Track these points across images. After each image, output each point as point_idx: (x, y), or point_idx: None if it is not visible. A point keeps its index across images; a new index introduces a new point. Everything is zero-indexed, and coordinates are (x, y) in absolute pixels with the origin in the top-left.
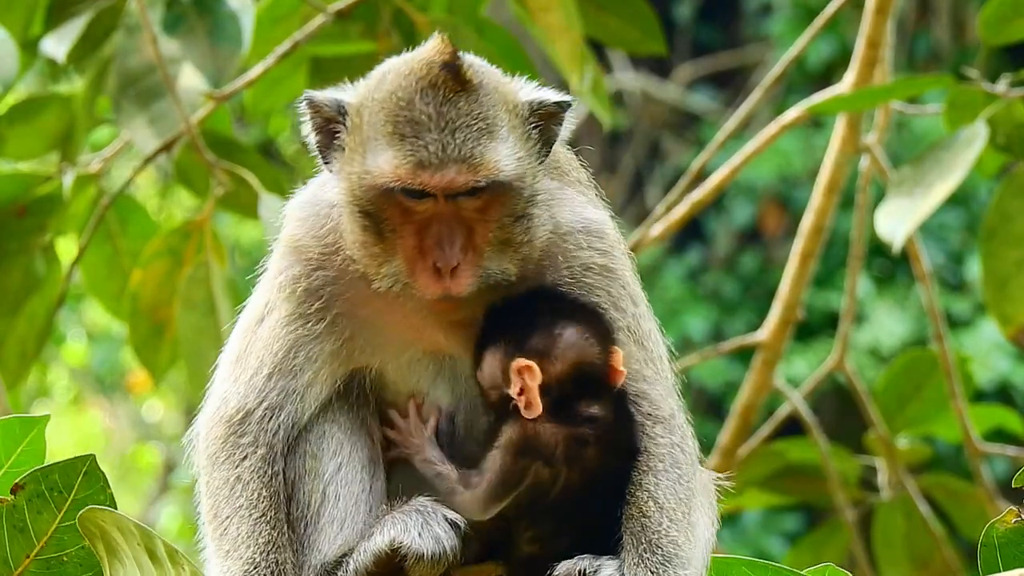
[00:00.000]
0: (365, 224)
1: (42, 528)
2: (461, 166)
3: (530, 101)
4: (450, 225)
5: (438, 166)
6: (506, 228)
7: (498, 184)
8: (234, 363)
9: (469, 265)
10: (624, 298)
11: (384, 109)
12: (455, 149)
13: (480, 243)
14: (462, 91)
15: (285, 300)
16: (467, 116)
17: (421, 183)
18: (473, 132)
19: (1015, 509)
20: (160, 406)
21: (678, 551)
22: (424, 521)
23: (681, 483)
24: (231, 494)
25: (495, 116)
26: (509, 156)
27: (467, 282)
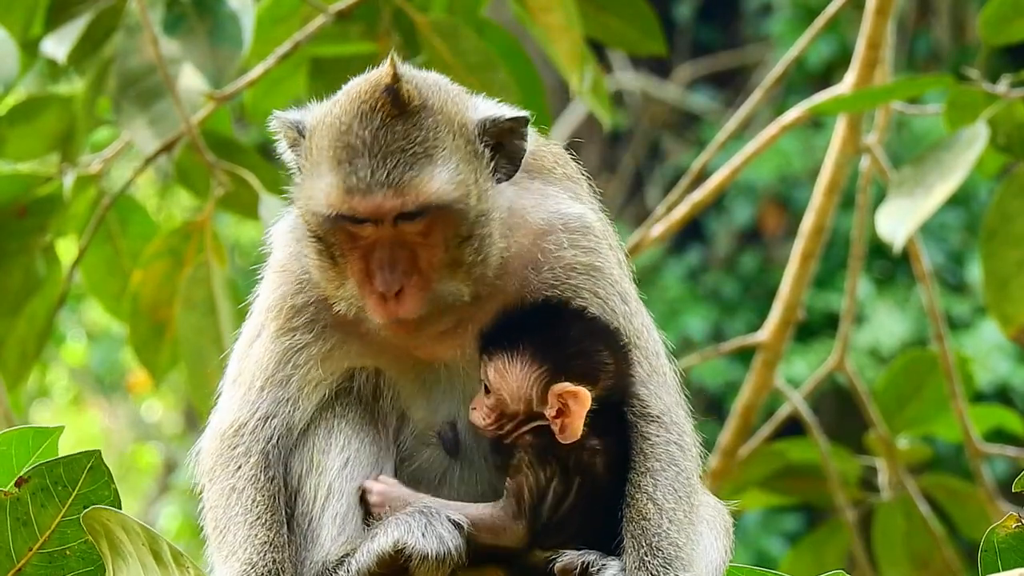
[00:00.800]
0: (319, 248)
1: (45, 522)
2: (388, 191)
3: (482, 120)
4: (392, 250)
5: (365, 191)
6: (453, 250)
7: (435, 208)
8: (231, 385)
9: (414, 289)
10: (613, 297)
11: (328, 133)
12: (383, 174)
13: (425, 267)
14: (400, 115)
15: (273, 319)
16: (403, 140)
17: (350, 209)
18: (407, 156)
19: (1015, 514)
20: (159, 406)
21: (679, 552)
22: (427, 522)
23: (679, 480)
24: (227, 503)
25: (434, 139)
26: (447, 180)
27: (414, 306)
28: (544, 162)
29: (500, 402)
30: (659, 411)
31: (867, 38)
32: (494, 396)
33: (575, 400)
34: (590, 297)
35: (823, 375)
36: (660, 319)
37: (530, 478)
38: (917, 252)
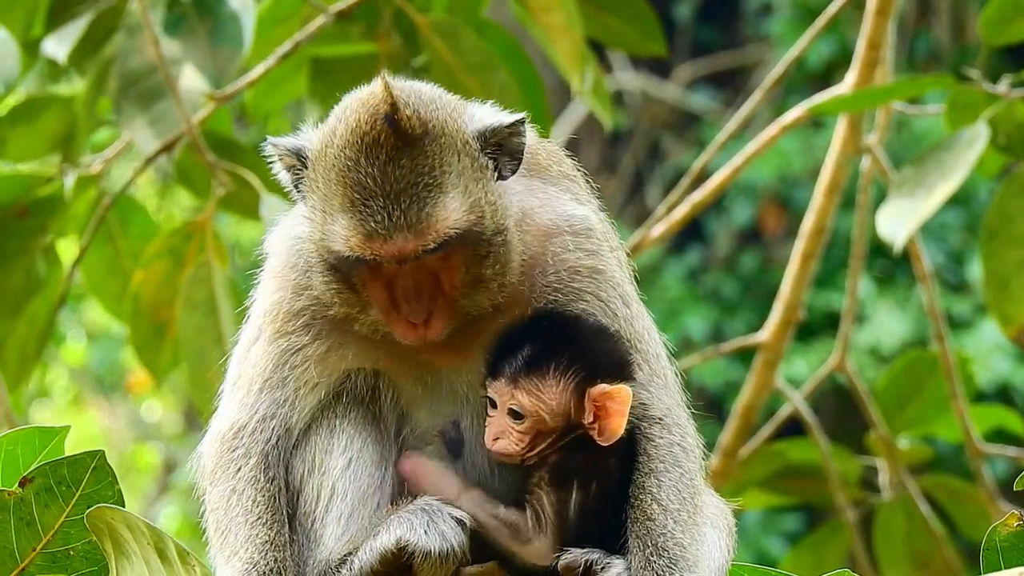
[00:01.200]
0: (336, 278)
1: (49, 522)
2: (408, 234)
3: (481, 131)
4: (415, 280)
5: (385, 236)
6: (473, 269)
7: (454, 238)
8: (230, 388)
9: (441, 312)
10: (615, 300)
11: (335, 168)
12: (400, 216)
13: (449, 290)
14: (404, 146)
15: (270, 323)
16: (411, 174)
17: (372, 253)
18: (419, 191)
19: (1017, 513)
20: (159, 406)
21: (684, 553)
22: (430, 519)
23: (683, 482)
24: (228, 505)
25: (441, 165)
26: (460, 207)
27: (442, 327)
28: (539, 159)
29: (536, 423)
30: (661, 413)
31: (867, 38)
32: (529, 420)
33: (614, 400)
34: (592, 300)
35: (824, 375)
36: (660, 319)
37: (551, 495)
38: (917, 252)
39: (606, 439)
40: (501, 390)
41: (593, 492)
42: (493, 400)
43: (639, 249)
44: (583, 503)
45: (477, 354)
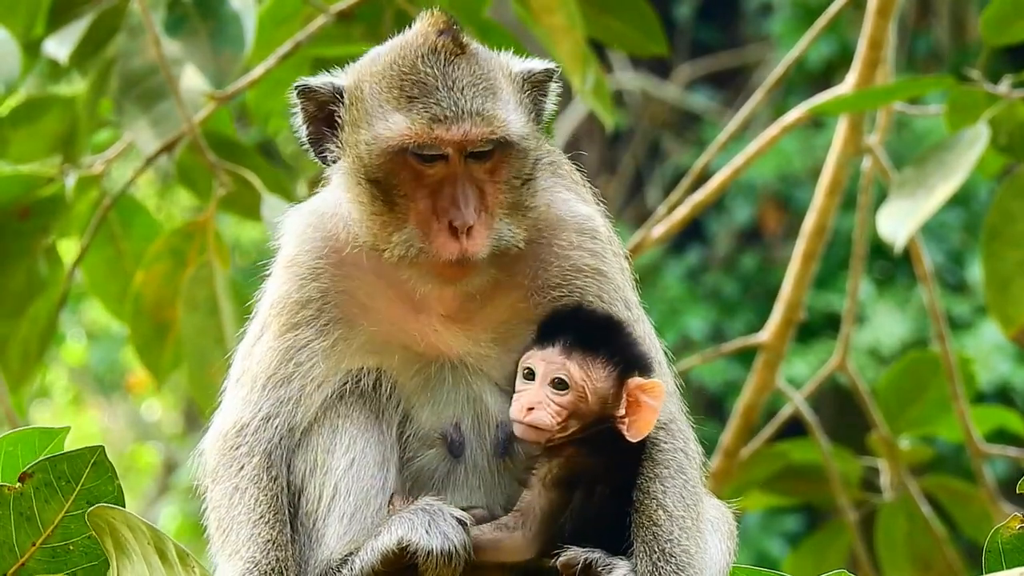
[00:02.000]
0: (374, 193)
1: (49, 517)
2: (476, 119)
3: (522, 70)
4: (463, 186)
5: (453, 119)
6: (515, 191)
7: (508, 143)
8: (234, 385)
9: (483, 226)
10: (617, 302)
11: (386, 78)
12: (467, 103)
13: (492, 205)
14: (462, 54)
15: (276, 316)
16: (471, 76)
17: (436, 138)
18: (480, 91)
19: (1019, 515)
20: (159, 406)
21: (690, 560)
22: (431, 519)
23: (687, 488)
24: (230, 503)
25: (496, 79)
26: (515, 116)
27: (482, 242)
28: (562, 165)
29: (578, 399)
30: (666, 418)
31: (868, 38)
32: (572, 393)
33: (649, 393)
34: (595, 301)
35: (825, 375)
36: (660, 319)
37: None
38: (918, 252)
39: (634, 435)
40: (551, 358)
41: (596, 495)
42: (531, 370)
43: (639, 249)
44: (583, 505)
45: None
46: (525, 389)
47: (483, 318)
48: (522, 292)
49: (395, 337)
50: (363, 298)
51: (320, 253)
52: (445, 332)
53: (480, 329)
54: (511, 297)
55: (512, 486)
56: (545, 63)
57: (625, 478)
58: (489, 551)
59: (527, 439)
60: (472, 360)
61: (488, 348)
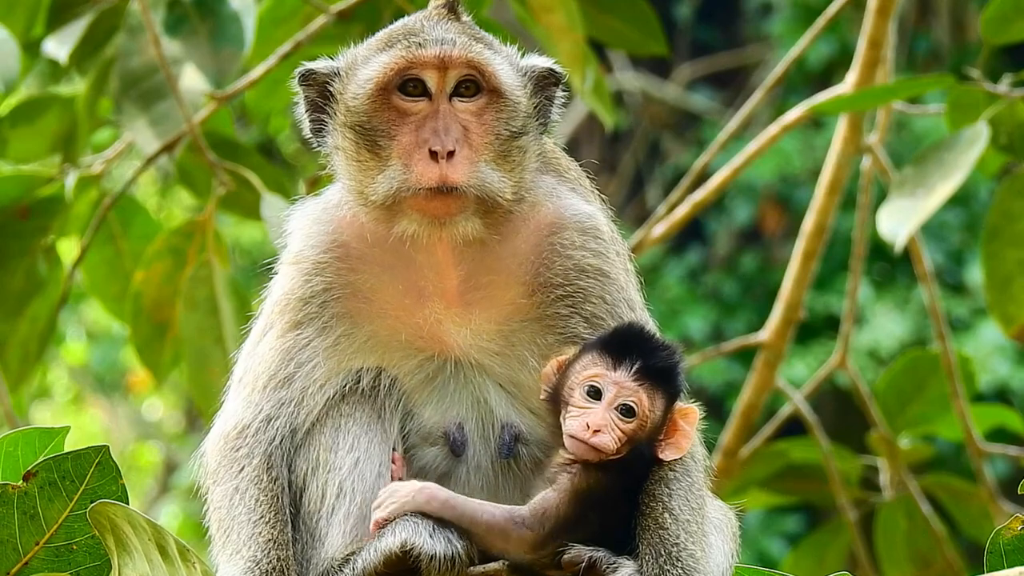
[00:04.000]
0: (359, 142)
1: (52, 516)
2: (456, 45)
3: (527, 64)
4: (446, 119)
5: (432, 43)
6: (503, 141)
7: (496, 88)
8: (237, 384)
9: (466, 158)
10: (620, 303)
11: (377, 39)
12: (452, 37)
13: (478, 143)
14: (458, 21)
15: (279, 315)
16: (461, 29)
17: (414, 59)
18: (468, 36)
19: (1021, 516)
20: (160, 405)
21: (696, 564)
22: (435, 523)
23: (693, 491)
24: (231, 504)
25: (491, 41)
26: (508, 68)
27: (464, 171)
28: (561, 163)
29: (640, 427)
30: None
31: (868, 38)
32: (637, 421)
33: (687, 419)
34: (599, 303)
35: (825, 375)
36: (660, 319)
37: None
38: (918, 252)
39: (668, 456)
40: (624, 383)
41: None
42: (598, 389)
43: (639, 249)
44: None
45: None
46: (590, 409)
47: (485, 310)
48: (523, 288)
49: (398, 332)
50: (367, 292)
51: (324, 248)
52: (448, 323)
53: (483, 322)
54: (512, 291)
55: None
56: (551, 62)
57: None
58: (495, 537)
59: (582, 457)
60: (475, 358)
61: (491, 345)
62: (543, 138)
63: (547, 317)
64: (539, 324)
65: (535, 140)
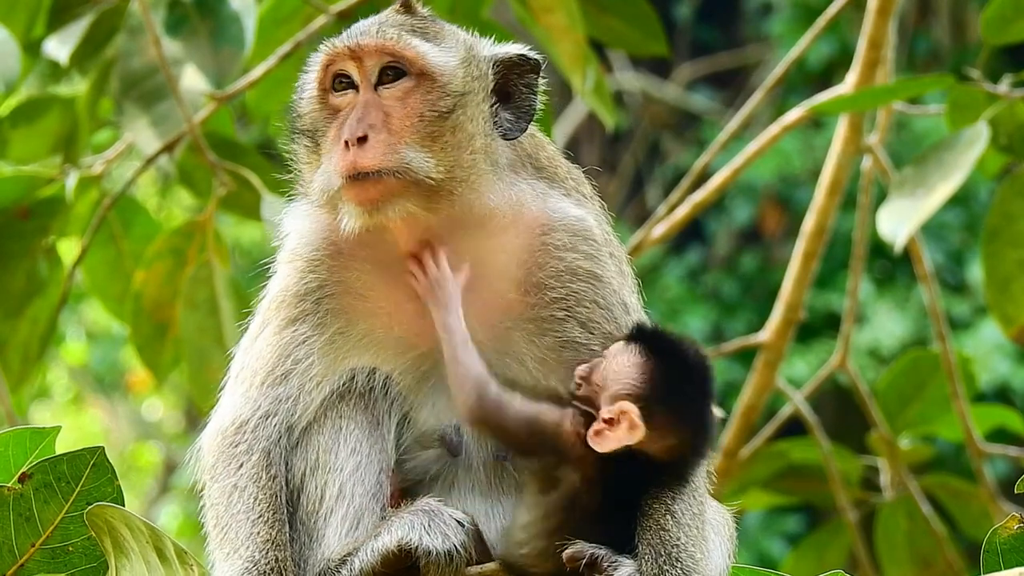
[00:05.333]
0: (306, 145)
1: (48, 518)
2: (374, 35)
3: (490, 56)
4: (364, 107)
5: (349, 36)
6: (429, 122)
7: (421, 71)
8: (234, 380)
9: (381, 142)
10: (616, 306)
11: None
12: (370, 28)
13: (399, 127)
14: (407, 14)
15: (275, 311)
16: (403, 21)
17: (334, 52)
18: (404, 29)
19: (1018, 515)
20: (160, 405)
21: (696, 566)
22: (431, 520)
23: (695, 497)
24: (229, 501)
25: (439, 31)
26: (437, 52)
27: (375, 155)
28: (558, 170)
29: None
30: None
31: (868, 38)
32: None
33: (626, 425)
34: (592, 307)
35: (825, 375)
36: (660, 319)
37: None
38: (918, 252)
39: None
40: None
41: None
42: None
43: (640, 249)
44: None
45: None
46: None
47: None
48: (515, 286)
49: (392, 330)
50: (360, 289)
51: (318, 245)
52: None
53: (473, 319)
54: (503, 289)
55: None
56: (522, 48)
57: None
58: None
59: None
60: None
61: (485, 343)
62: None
63: (542, 319)
64: (534, 325)
65: (476, 120)
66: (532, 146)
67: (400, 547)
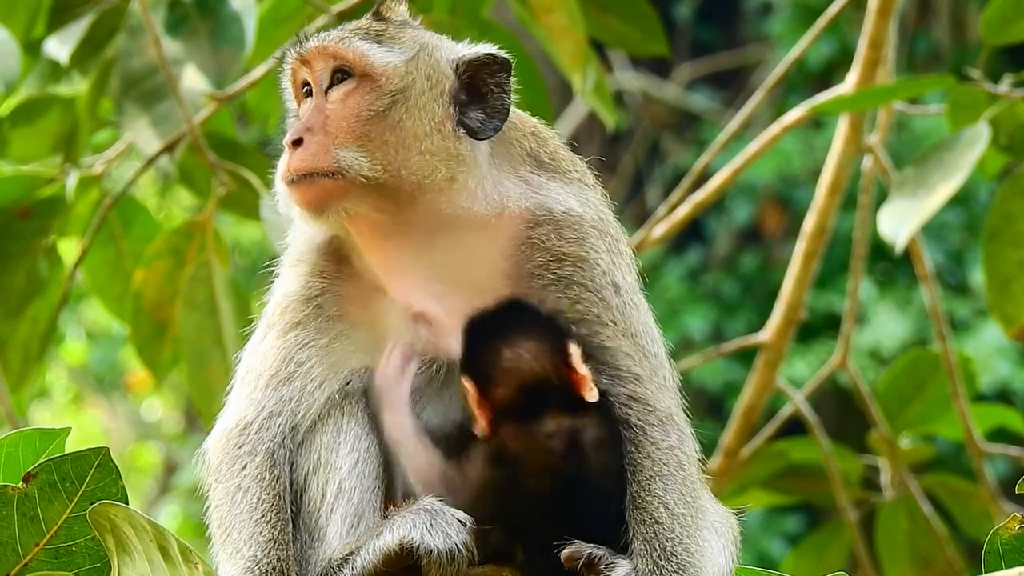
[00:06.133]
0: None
1: (52, 518)
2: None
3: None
4: (311, 111)
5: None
6: (365, 121)
7: (363, 72)
8: (239, 384)
9: (315, 143)
10: (605, 288)
11: None
12: (322, 33)
13: (333, 128)
14: (377, 19)
15: (279, 315)
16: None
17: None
18: (356, 33)
19: (1019, 515)
20: (159, 405)
21: (691, 559)
22: (432, 519)
23: (687, 486)
24: (232, 502)
25: (393, 33)
26: (377, 53)
27: (305, 157)
28: (561, 163)
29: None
30: (664, 413)
31: (869, 38)
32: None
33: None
34: (580, 290)
35: (826, 375)
36: (660, 319)
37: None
38: (919, 252)
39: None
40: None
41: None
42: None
43: (640, 249)
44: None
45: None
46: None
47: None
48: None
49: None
50: (361, 295)
51: (320, 249)
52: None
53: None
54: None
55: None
56: (491, 48)
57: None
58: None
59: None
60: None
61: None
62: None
63: None
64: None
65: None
66: (535, 142)
67: (402, 546)
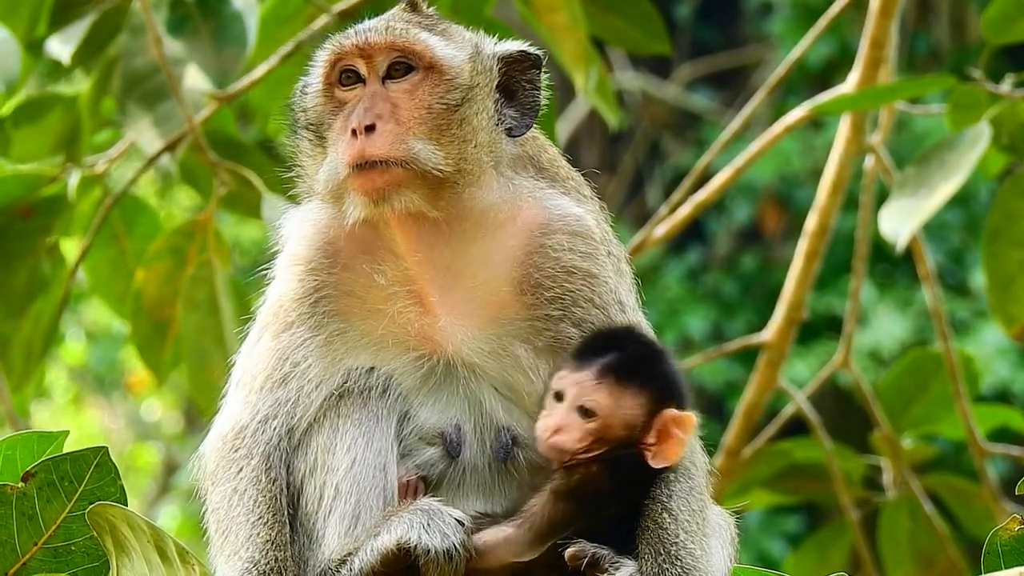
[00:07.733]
0: (310, 139)
1: (51, 517)
2: (381, 31)
3: (494, 53)
4: (370, 100)
5: (358, 33)
6: (437, 115)
7: (430, 65)
8: (234, 387)
9: (389, 132)
10: (611, 305)
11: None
12: (379, 25)
13: (406, 119)
14: (413, 12)
15: (274, 317)
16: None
17: (343, 49)
18: (411, 24)
19: (1018, 517)
20: (159, 405)
21: (696, 564)
22: (430, 519)
23: (694, 493)
24: (230, 505)
25: (445, 29)
26: (445, 47)
27: (384, 144)
28: (560, 171)
29: (604, 427)
30: None
31: (871, 37)
32: (600, 420)
33: (680, 426)
34: (588, 306)
35: (828, 374)
36: (660, 319)
37: (551, 507)
38: (920, 252)
39: (658, 463)
40: (583, 382)
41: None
42: (560, 393)
43: (641, 249)
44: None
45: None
46: (552, 411)
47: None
48: (512, 287)
49: (391, 330)
50: (358, 289)
51: (315, 247)
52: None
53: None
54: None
55: (512, 490)
56: (524, 44)
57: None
58: (488, 554)
59: (551, 457)
60: (468, 357)
61: (482, 343)
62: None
63: (538, 319)
64: (530, 325)
65: (482, 114)
66: (534, 147)
67: (399, 546)
